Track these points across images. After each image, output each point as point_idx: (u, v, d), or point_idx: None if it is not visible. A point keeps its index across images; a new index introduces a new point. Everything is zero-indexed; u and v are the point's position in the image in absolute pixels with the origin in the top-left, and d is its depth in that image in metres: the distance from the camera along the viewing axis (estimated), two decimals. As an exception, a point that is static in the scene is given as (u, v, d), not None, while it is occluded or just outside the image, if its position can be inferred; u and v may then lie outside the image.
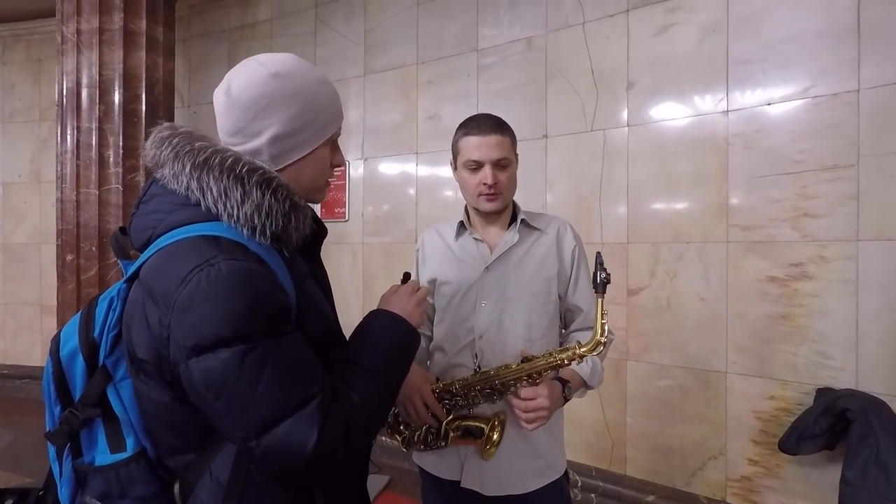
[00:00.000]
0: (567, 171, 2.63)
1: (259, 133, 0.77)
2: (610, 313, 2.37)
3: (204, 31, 3.89)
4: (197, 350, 0.64)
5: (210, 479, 0.71)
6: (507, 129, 1.24)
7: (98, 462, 0.71)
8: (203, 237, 0.69)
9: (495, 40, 2.82)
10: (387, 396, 0.77)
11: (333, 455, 0.67)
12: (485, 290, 1.24)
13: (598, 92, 2.52)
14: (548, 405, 1.07)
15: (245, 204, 0.70)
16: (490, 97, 2.83)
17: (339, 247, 3.43)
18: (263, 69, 0.77)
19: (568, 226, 1.31)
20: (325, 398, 0.68)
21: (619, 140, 2.47)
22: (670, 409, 2.36)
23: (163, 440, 0.73)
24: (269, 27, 3.64)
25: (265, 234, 0.71)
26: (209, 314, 0.64)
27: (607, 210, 2.50)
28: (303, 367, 0.69)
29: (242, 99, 0.76)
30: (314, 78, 0.81)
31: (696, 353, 2.30)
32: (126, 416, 0.72)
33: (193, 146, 0.73)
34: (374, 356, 0.78)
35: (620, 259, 2.47)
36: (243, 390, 0.64)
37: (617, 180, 2.48)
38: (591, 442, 2.55)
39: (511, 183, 1.24)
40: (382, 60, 3.23)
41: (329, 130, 0.83)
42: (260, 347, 0.65)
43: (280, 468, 0.67)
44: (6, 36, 4.51)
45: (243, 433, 0.65)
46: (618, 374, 2.48)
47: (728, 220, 2.22)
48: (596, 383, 1.24)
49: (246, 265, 0.68)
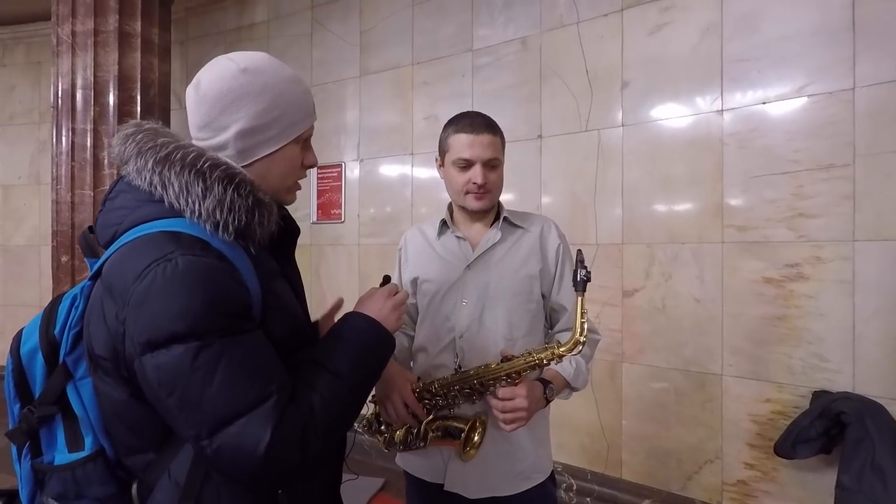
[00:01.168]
0: (562, 171, 2.61)
1: (226, 127, 0.76)
2: (605, 315, 2.39)
3: (201, 33, 3.89)
4: (151, 346, 0.63)
5: (168, 479, 0.70)
6: (498, 129, 1.23)
7: (56, 461, 0.70)
8: (163, 233, 0.69)
9: (490, 40, 2.81)
10: (352, 400, 0.75)
11: (287, 457, 0.65)
12: (466, 289, 1.23)
13: (593, 92, 2.51)
14: (526, 405, 1.06)
15: (207, 199, 0.69)
16: (485, 97, 2.82)
17: (335, 248, 3.42)
18: (233, 65, 0.77)
19: (552, 224, 1.30)
20: (282, 398, 0.67)
21: (613, 140, 2.45)
22: (666, 411, 2.33)
23: (121, 439, 0.71)
24: (265, 29, 3.64)
25: (228, 230, 0.70)
26: (164, 309, 0.63)
27: (602, 211, 2.48)
28: (260, 366, 0.67)
29: (210, 93, 0.75)
30: (284, 76, 0.80)
31: (691, 355, 2.27)
32: (85, 415, 0.70)
33: (156, 142, 0.73)
34: (341, 358, 0.76)
35: (615, 260, 2.44)
36: (196, 388, 0.63)
37: (612, 181, 2.46)
38: (586, 445, 2.52)
39: (499, 183, 1.24)
40: (378, 61, 3.22)
41: (298, 129, 0.81)
42: (215, 344, 0.64)
43: (233, 469, 0.66)
44: (6, 38, 4.53)
45: (195, 431, 0.64)
46: (613, 377, 2.46)
47: (723, 220, 2.20)
48: (580, 385, 1.22)
49: (204, 261, 0.66)
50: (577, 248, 1.15)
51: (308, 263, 3.49)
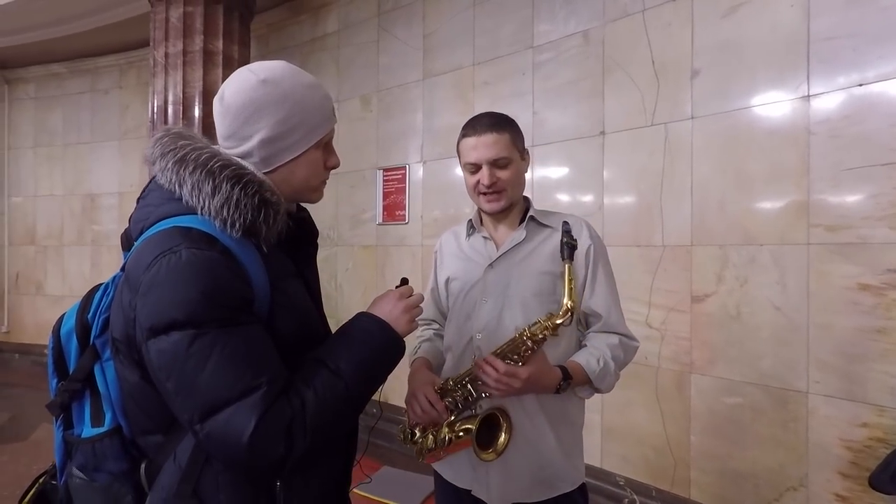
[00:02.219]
0: (625, 169, 2.47)
1: (250, 137, 0.80)
2: (672, 321, 2.23)
3: (280, 46, 4.15)
4: (153, 331, 0.68)
5: (173, 462, 0.74)
6: (507, 127, 1.18)
7: (83, 434, 0.77)
8: (176, 227, 0.73)
9: (550, 36, 2.73)
10: (348, 400, 0.75)
11: (271, 448, 0.67)
12: (487, 288, 1.21)
13: (660, 83, 2.35)
14: (521, 378, 1.01)
15: (215, 197, 0.73)
16: (545, 95, 2.74)
17: (399, 249, 3.49)
18: (253, 76, 0.80)
19: (584, 224, 1.23)
20: (272, 391, 0.68)
21: (682, 134, 2.28)
22: (741, 429, 2.12)
23: (135, 419, 0.77)
24: (336, 38, 3.80)
25: (235, 227, 0.73)
26: (165, 298, 0.68)
27: (669, 210, 2.32)
28: (252, 357, 0.69)
29: (233, 105, 0.80)
30: (303, 83, 0.83)
31: (770, 369, 2.05)
32: (107, 393, 0.77)
33: (177, 144, 0.78)
34: (342, 358, 0.77)
35: (683, 263, 2.27)
36: (189, 373, 0.67)
37: (680, 178, 2.28)
38: (650, 459, 2.36)
39: (514, 181, 1.19)
40: (440, 63, 3.25)
41: (318, 133, 0.84)
42: (210, 333, 0.67)
43: (221, 455, 0.69)
44: (122, 63, 5.13)
45: (188, 415, 0.68)
46: (680, 388, 2.28)
47: (809, 219, 1.96)
48: (605, 387, 1.15)
49: (206, 254, 0.70)
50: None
51: (374, 264, 3.59)
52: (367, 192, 3.66)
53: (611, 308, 1.19)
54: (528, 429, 1.14)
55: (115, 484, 0.76)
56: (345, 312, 3.76)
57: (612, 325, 1.19)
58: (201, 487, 0.73)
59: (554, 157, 2.71)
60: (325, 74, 3.86)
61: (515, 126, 1.21)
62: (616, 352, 1.16)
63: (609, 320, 1.19)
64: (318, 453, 0.79)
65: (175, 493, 0.73)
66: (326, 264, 3.84)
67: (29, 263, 5.56)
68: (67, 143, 5.40)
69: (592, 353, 1.14)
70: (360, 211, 3.71)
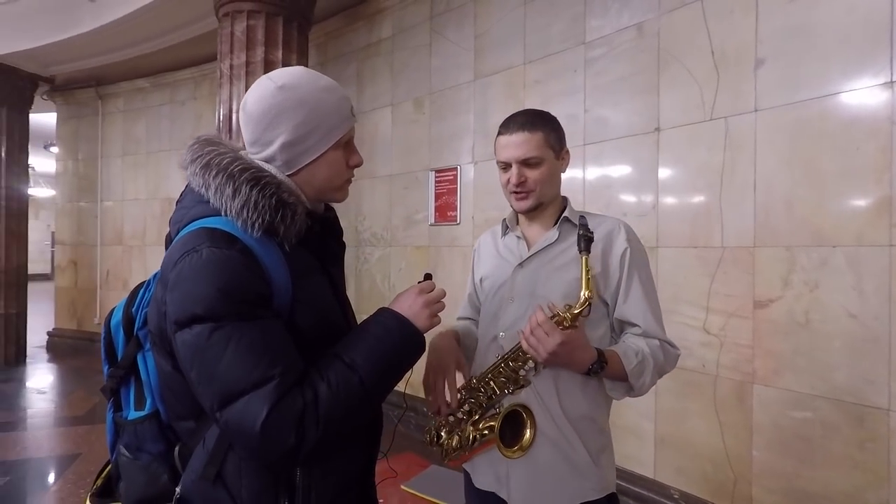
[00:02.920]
0: (682, 166, 2.35)
1: (271, 142, 0.84)
2: (731, 328, 2.10)
3: (338, 53, 4.30)
4: (179, 324, 0.73)
5: (202, 447, 0.79)
6: (541, 125, 1.15)
7: (129, 417, 0.84)
8: (203, 228, 0.78)
9: (603, 31, 2.65)
10: (361, 393, 0.77)
11: (282, 438, 0.70)
12: (515, 288, 1.19)
13: (720, 75, 2.21)
14: (556, 338, 0.97)
15: (236, 199, 0.77)
16: (598, 92, 2.66)
17: (451, 250, 3.51)
18: (271, 84, 0.84)
19: (622, 227, 1.18)
20: (285, 382, 0.71)
21: (744, 128, 2.14)
22: (810, 447, 1.96)
23: (171, 405, 0.83)
24: (390, 43, 3.89)
25: (255, 227, 0.77)
26: (188, 293, 0.73)
27: (730, 209, 2.18)
28: (267, 350, 0.72)
29: (255, 113, 0.84)
30: (319, 87, 0.86)
31: (845, 383, 1.88)
32: (148, 380, 0.83)
33: (203, 150, 0.83)
34: (357, 351, 0.79)
35: (745, 265, 2.12)
36: (209, 363, 0.71)
37: (741, 174, 2.14)
38: (707, 473, 2.23)
39: (546, 180, 1.16)
40: (491, 64, 3.24)
41: (336, 135, 0.87)
42: (227, 327, 0.71)
43: (237, 442, 0.73)
44: (196, 76, 5.51)
45: (209, 403, 0.72)
46: (741, 399, 2.14)
47: (892, 218, 1.78)
48: (638, 387, 1.09)
49: (225, 253, 0.74)
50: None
51: (426, 264, 3.63)
52: (420, 193, 3.71)
53: (647, 315, 1.12)
54: (550, 431, 1.10)
55: (154, 463, 0.82)
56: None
57: (649, 333, 1.13)
58: (225, 471, 0.78)
59: (606, 155, 2.63)
60: (379, 79, 3.96)
61: (552, 124, 1.18)
62: (657, 354, 1.09)
63: (648, 328, 1.12)
64: (336, 444, 0.81)
65: (201, 475, 0.78)
66: (380, 264, 3.93)
67: (117, 262, 6.10)
68: (150, 151, 5.87)
69: (631, 346, 1.09)
70: (413, 212, 3.76)
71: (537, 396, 1.11)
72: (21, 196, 5.65)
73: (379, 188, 3.98)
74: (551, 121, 1.19)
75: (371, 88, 4.03)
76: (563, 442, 1.09)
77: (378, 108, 3.97)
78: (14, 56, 5.15)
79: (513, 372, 1.08)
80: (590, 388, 1.11)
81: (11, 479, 2.93)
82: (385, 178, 3.94)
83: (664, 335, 1.13)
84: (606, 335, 1.16)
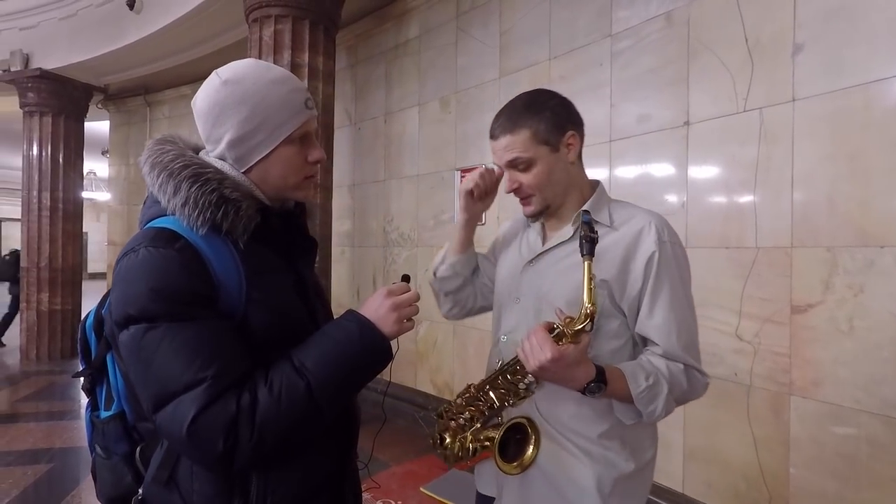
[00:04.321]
0: (713, 161, 2.21)
1: (220, 139, 0.81)
2: (766, 334, 1.96)
3: (367, 55, 4.32)
4: (118, 325, 0.72)
5: (160, 448, 0.78)
6: (525, 120, 1.02)
7: (100, 416, 0.84)
8: (149, 228, 0.77)
9: (630, 21, 2.53)
10: (306, 401, 0.72)
11: (209, 442, 0.67)
12: (521, 287, 1.10)
13: (754, 64, 2.07)
14: (546, 354, 0.85)
15: (177, 196, 0.75)
16: (624, 85, 2.54)
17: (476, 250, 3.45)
18: (217, 79, 0.81)
19: (654, 226, 1.00)
20: (218, 384, 0.68)
21: (780, 119, 1.99)
22: (853, 466, 1.79)
23: (134, 406, 0.81)
24: (417, 43, 3.87)
25: (198, 225, 0.75)
26: (123, 294, 0.72)
27: (764, 206, 2.03)
28: (202, 350, 0.69)
29: (203, 109, 0.82)
30: (266, 80, 0.81)
31: (893, 397, 1.71)
32: (114, 381, 0.82)
33: (153, 150, 0.81)
34: (310, 355, 0.75)
35: (782, 267, 1.97)
36: (142, 366, 0.70)
37: (777, 169, 1.99)
38: (740, 490, 2.08)
39: (544, 181, 1.03)
40: (516, 61, 3.16)
41: (286, 129, 0.82)
42: (161, 327, 0.69)
43: (172, 445, 0.71)
44: (236, 81, 5.68)
45: (146, 405, 0.71)
46: (777, 412, 1.98)
47: (948, 215, 1.60)
48: (648, 413, 0.94)
49: (161, 252, 0.72)
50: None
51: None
52: (446, 193, 3.67)
53: (670, 335, 0.95)
54: (548, 452, 1.00)
55: (120, 463, 0.81)
56: (424, 313, 3.80)
57: (673, 356, 0.95)
58: (178, 475, 0.76)
59: (632, 151, 2.51)
60: (407, 79, 3.95)
61: (541, 114, 1.03)
62: (677, 380, 0.94)
63: (669, 350, 0.95)
64: (296, 450, 0.78)
65: (153, 477, 0.77)
66: (407, 265, 3.92)
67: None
68: (193, 156, 6.10)
69: (644, 366, 0.95)
70: (440, 212, 3.73)
71: (537, 412, 1.02)
72: (77, 199, 5.99)
73: (406, 188, 3.97)
74: (542, 108, 1.04)
75: (399, 89, 4.03)
76: (559, 469, 0.99)
77: (406, 109, 3.97)
78: (70, 68, 5.47)
79: (511, 384, 0.99)
80: (600, 406, 0.99)
81: (55, 466, 3.10)
82: (412, 179, 3.93)
83: (691, 359, 0.97)
84: (624, 349, 1.03)
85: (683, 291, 0.99)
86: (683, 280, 1.00)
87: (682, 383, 0.95)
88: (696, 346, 0.99)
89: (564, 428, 1.01)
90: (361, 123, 4.36)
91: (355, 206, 4.43)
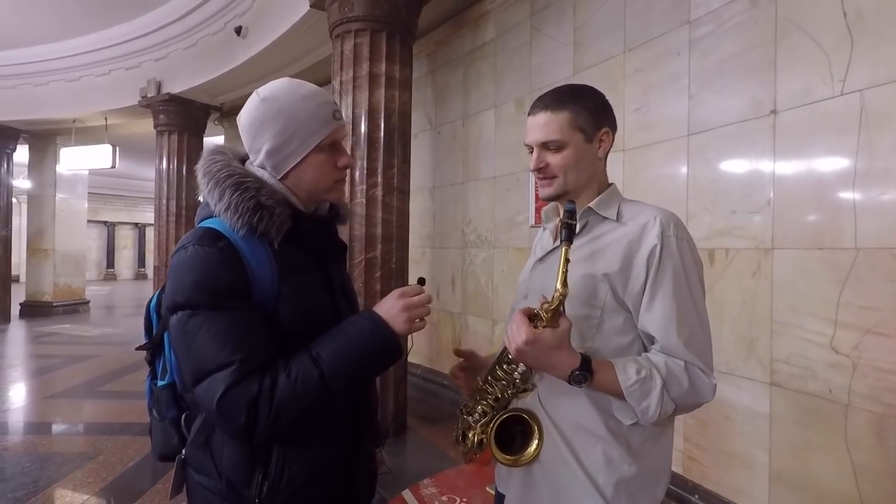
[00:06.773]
0: (803, 153, 1.98)
1: (260, 150, 0.94)
2: (867, 347, 1.76)
3: (446, 60, 4.42)
4: (168, 310, 0.86)
5: (201, 416, 0.91)
6: (570, 103, 1.01)
7: (157, 384, 0.98)
8: (199, 228, 0.90)
9: (710, 5, 2.35)
10: (319, 387, 0.81)
11: (234, 417, 0.78)
12: (531, 285, 1.11)
13: (854, 41, 1.83)
14: (522, 335, 0.87)
15: (221, 202, 0.88)
16: (704, 75, 2.37)
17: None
18: (256, 97, 0.93)
19: (658, 220, 0.97)
20: (245, 367, 0.79)
21: (886, 102, 1.74)
22: (980, 506, 1.52)
23: (181, 378, 0.94)
24: (493, 46, 3.89)
25: (237, 227, 0.86)
26: (174, 284, 0.85)
27: (865, 202, 1.79)
28: (234, 337, 0.81)
29: (245, 124, 0.94)
30: (297, 96, 0.92)
31: None
32: (169, 356, 0.95)
33: (207, 159, 0.95)
34: (325, 347, 0.84)
35: (887, 271, 1.72)
36: (185, 346, 0.83)
37: (881, 160, 1.74)
38: (836, 522, 1.85)
39: (570, 165, 1.02)
40: (590, 56, 3.07)
41: (316, 138, 0.92)
42: (201, 315, 0.81)
43: (207, 416, 0.83)
44: (329, 94, 6.08)
45: (187, 380, 0.84)
46: (882, 436, 1.73)
47: None
48: (641, 411, 0.90)
49: (205, 250, 0.84)
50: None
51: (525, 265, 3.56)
52: (521, 195, 3.66)
53: (669, 329, 0.92)
54: (550, 456, 0.98)
55: (169, 426, 0.96)
56: (499, 314, 3.81)
57: (671, 351, 0.92)
58: (212, 441, 0.89)
59: (713, 145, 2.33)
60: (483, 82, 3.99)
61: (585, 103, 1.03)
62: (677, 377, 0.90)
63: (667, 344, 0.92)
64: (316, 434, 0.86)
65: (192, 441, 0.91)
66: (484, 266, 3.95)
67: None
68: (293, 164, 6.63)
69: (638, 360, 0.92)
70: (515, 213, 3.72)
71: (542, 409, 1.01)
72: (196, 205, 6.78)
73: (483, 190, 4.01)
74: (586, 98, 1.04)
75: (476, 92, 4.08)
76: (561, 468, 0.97)
77: (482, 111, 4.01)
78: (191, 91, 6.23)
79: (507, 374, 1.00)
80: (603, 406, 0.96)
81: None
82: (489, 181, 3.95)
83: (694, 357, 0.92)
84: (631, 347, 0.99)
85: (688, 286, 0.95)
86: (689, 275, 0.95)
87: (681, 382, 0.91)
88: (700, 345, 0.94)
89: (567, 427, 0.99)
90: (441, 127, 4.47)
91: (435, 209, 4.55)
